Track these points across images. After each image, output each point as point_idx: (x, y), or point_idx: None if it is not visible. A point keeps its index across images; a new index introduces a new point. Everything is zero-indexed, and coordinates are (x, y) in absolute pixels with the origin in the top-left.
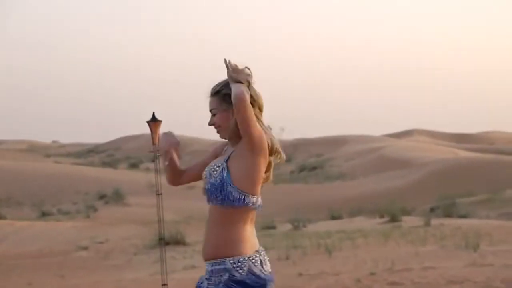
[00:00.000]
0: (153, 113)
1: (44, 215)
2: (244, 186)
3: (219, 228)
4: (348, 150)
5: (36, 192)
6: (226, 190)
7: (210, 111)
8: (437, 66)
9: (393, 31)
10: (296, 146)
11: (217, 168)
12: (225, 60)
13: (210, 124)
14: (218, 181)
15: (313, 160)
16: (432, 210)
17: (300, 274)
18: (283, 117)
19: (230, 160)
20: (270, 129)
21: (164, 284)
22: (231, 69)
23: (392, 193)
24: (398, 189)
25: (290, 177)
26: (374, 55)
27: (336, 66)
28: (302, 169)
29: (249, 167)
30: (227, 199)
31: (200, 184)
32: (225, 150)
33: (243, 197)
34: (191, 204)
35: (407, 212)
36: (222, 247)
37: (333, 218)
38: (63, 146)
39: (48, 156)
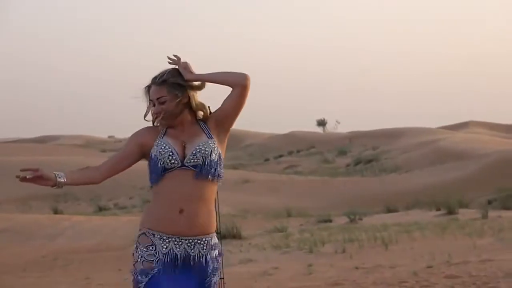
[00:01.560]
0: (208, 107)
1: (100, 210)
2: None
3: (208, 204)
4: (404, 142)
5: (92, 187)
6: (221, 165)
7: (157, 99)
8: (494, 57)
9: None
10: (351, 139)
11: (211, 145)
12: (176, 56)
13: (157, 112)
14: (218, 157)
15: (368, 153)
16: (489, 202)
17: (357, 268)
18: (338, 110)
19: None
20: None
21: (221, 278)
22: (181, 64)
23: (448, 186)
24: (455, 181)
25: (346, 170)
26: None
27: (392, 58)
28: (357, 162)
29: (224, 144)
30: (220, 175)
31: (255, 177)
32: (164, 132)
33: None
34: (246, 198)
35: (464, 205)
36: (212, 223)
37: (389, 211)
38: (119, 141)
39: (104, 151)
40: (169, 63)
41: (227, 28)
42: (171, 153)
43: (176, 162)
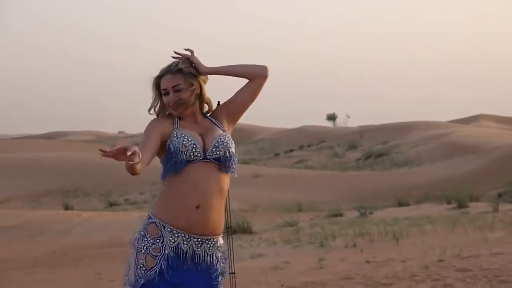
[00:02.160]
0: (218, 102)
1: (111, 205)
2: None
3: (223, 198)
4: (415, 136)
5: (103, 183)
6: (236, 158)
7: (173, 87)
8: (503, 50)
9: (461, 16)
10: (362, 133)
11: (227, 139)
12: (189, 50)
13: (174, 100)
14: (234, 150)
15: (379, 147)
16: (500, 195)
17: (368, 262)
18: (349, 105)
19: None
20: None
21: (232, 272)
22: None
23: (459, 179)
24: (465, 175)
25: (356, 164)
26: (440, 41)
27: (401, 53)
28: (368, 156)
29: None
30: (235, 167)
31: (266, 172)
32: (178, 123)
33: None
34: (257, 193)
35: (474, 198)
36: (222, 222)
37: (400, 205)
38: (130, 136)
39: (114, 146)
40: (174, 58)
41: (234, 20)
42: (194, 145)
43: (199, 154)
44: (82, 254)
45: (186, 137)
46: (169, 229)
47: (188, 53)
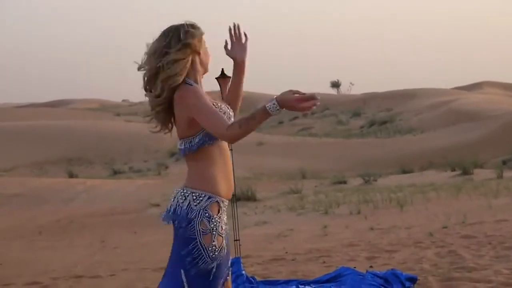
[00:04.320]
0: (222, 69)
1: (115, 173)
2: None
3: None
4: (418, 104)
5: (107, 151)
6: None
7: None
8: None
9: None
10: (365, 101)
11: None
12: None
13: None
14: None
15: (383, 114)
16: (504, 162)
17: (372, 228)
18: (352, 72)
19: None
20: None
21: (236, 240)
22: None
23: (463, 147)
24: (469, 142)
25: (360, 132)
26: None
27: (404, 20)
28: (372, 123)
29: None
30: None
31: (269, 140)
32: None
33: None
34: (261, 161)
35: (479, 165)
36: None
37: (404, 172)
38: (134, 104)
39: (118, 114)
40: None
41: None
42: (230, 115)
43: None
44: (87, 222)
45: (227, 109)
46: (225, 204)
47: (245, 37)
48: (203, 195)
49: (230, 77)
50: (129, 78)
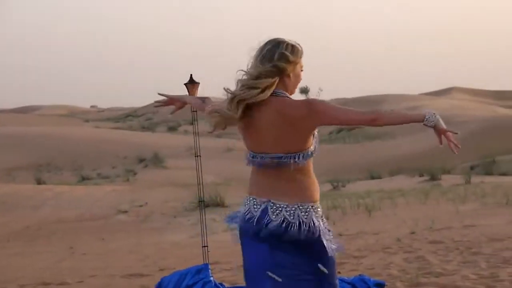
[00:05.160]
0: (191, 75)
1: (84, 179)
2: None
3: None
4: (387, 109)
5: (75, 157)
6: None
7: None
8: (476, 23)
9: None
10: None
11: None
12: None
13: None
14: None
15: None
16: (472, 168)
17: (340, 234)
18: (321, 78)
19: None
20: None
21: (204, 246)
22: None
23: (431, 152)
24: (438, 148)
25: (328, 137)
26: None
27: (372, 25)
28: (340, 129)
29: None
30: None
31: (238, 146)
32: None
33: None
34: (230, 166)
35: (447, 171)
36: None
37: (373, 177)
38: (102, 110)
39: (87, 121)
40: None
41: None
42: None
43: None
44: (55, 228)
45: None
46: None
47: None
48: (315, 205)
49: (198, 83)
50: (98, 84)
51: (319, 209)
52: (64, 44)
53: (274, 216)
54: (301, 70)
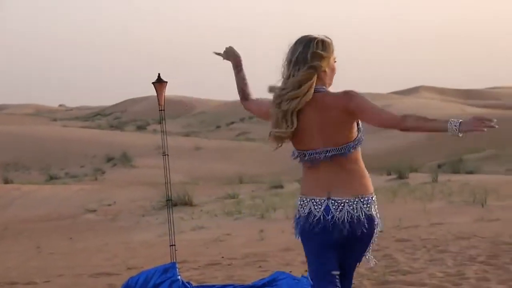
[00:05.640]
0: (159, 74)
1: (51, 178)
2: None
3: None
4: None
5: (43, 156)
6: None
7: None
8: (443, 21)
9: None
10: None
11: None
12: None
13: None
14: None
15: None
16: (439, 166)
17: None
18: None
19: None
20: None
21: (172, 245)
22: None
23: (399, 151)
24: (405, 146)
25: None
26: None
27: (341, 23)
28: None
29: None
30: None
31: (207, 145)
32: None
33: None
34: (198, 165)
35: (414, 169)
36: None
37: None
38: (70, 109)
39: (55, 120)
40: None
41: None
42: None
43: None
44: (22, 228)
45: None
46: None
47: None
48: (373, 196)
49: (166, 82)
50: (66, 83)
51: (375, 200)
52: (32, 43)
53: (338, 213)
54: (335, 62)
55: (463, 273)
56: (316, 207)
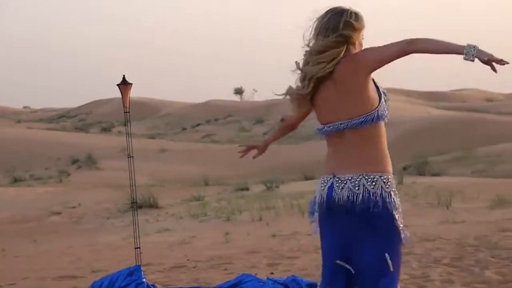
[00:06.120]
0: (124, 76)
1: (16, 181)
2: None
3: None
4: None
5: (8, 158)
6: None
7: None
8: (408, 24)
9: None
10: (268, 107)
11: None
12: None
13: None
14: None
15: None
16: (404, 168)
17: (274, 235)
18: (255, 79)
19: None
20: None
21: (137, 247)
22: None
23: None
24: None
25: (262, 138)
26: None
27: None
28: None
29: None
30: None
31: (172, 147)
32: None
33: None
34: (164, 168)
35: None
36: None
37: (306, 178)
38: (35, 111)
39: (19, 121)
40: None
41: None
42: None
43: None
44: None
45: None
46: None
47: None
48: (388, 176)
49: (131, 84)
50: (30, 84)
51: (390, 181)
52: None
53: (339, 191)
54: (362, 39)
55: (428, 275)
56: (322, 186)
